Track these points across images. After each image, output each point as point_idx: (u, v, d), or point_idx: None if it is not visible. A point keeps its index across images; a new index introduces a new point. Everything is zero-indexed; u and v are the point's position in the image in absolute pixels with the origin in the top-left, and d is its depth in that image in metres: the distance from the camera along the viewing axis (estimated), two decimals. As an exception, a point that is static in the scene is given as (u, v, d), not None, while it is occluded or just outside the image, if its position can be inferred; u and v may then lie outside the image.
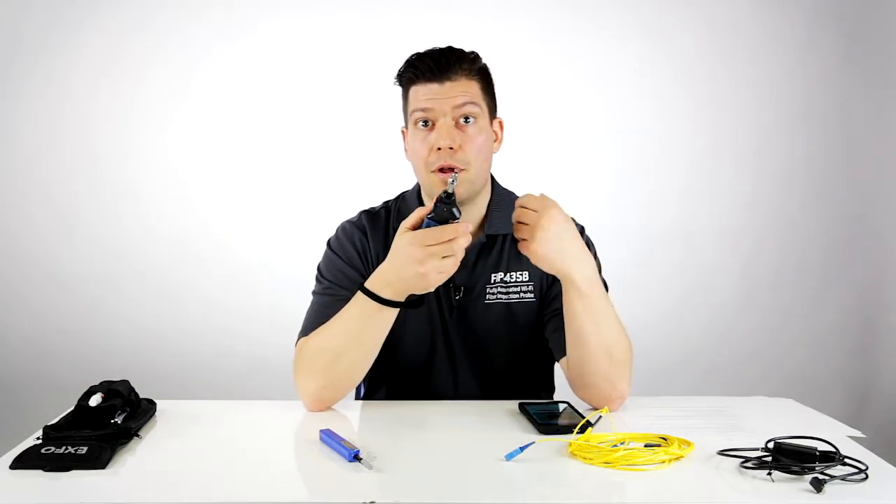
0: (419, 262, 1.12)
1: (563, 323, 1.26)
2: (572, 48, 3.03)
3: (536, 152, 2.97)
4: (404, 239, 1.14)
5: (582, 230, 1.42)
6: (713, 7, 3.03)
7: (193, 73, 3.01)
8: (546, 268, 1.21)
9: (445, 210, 1.13)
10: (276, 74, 3.02)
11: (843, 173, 3.04)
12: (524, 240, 1.19)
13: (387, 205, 1.47)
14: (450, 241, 1.11)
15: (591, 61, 3.04)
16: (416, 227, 1.15)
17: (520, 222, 1.20)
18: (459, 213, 1.14)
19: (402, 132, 1.40)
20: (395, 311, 1.20)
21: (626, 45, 3.03)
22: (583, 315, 1.21)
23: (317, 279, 1.39)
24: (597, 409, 1.19)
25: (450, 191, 1.13)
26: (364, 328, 1.21)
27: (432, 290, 1.16)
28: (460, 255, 1.13)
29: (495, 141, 1.38)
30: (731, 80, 3.03)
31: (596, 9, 3.02)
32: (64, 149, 3.01)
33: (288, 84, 3.02)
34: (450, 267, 1.13)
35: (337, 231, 1.44)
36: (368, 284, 1.19)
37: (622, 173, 3.06)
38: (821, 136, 3.04)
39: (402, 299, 1.18)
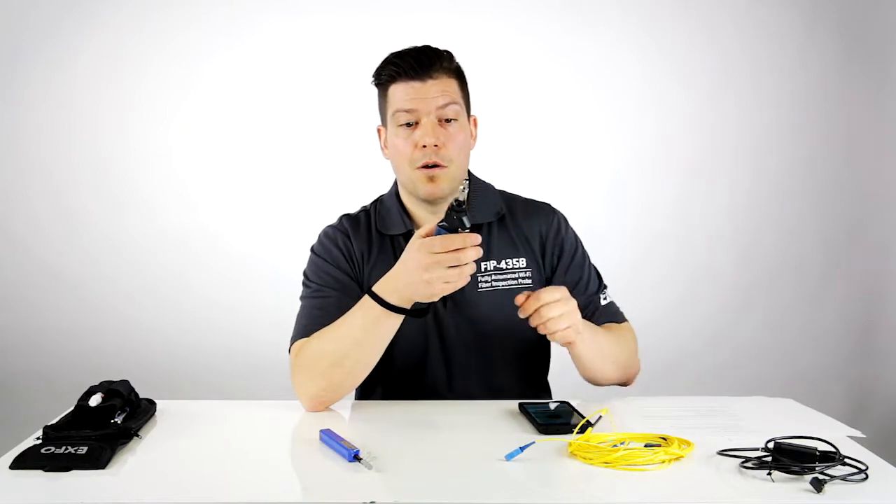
0: (425, 269, 1.12)
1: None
2: (571, 48, 3.03)
3: (535, 152, 2.97)
4: (413, 245, 1.14)
5: (565, 218, 1.47)
6: (713, 7, 3.03)
7: (195, 74, 3.02)
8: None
9: (456, 218, 1.12)
10: (277, 75, 3.02)
11: (843, 173, 3.04)
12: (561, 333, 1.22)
13: (366, 208, 1.49)
14: (457, 250, 1.11)
15: (590, 61, 3.04)
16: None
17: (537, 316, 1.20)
18: (469, 222, 1.13)
19: (379, 130, 1.42)
20: (400, 318, 1.20)
21: (626, 44, 3.03)
22: (589, 351, 1.29)
23: (304, 284, 1.40)
24: (594, 410, 1.19)
25: (461, 198, 1.13)
26: (368, 333, 1.21)
27: (437, 299, 1.16)
28: (469, 268, 1.13)
29: (471, 137, 1.41)
30: (730, 80, 3.03)
31: (595, 9, 3.02)
32: (67, 148, 3.01)
33: (291, 85, 3.02)
34: (456, 278, 1.12)
35: (320, 237, 1.46)
36: (376, 289, 1.19)
37: (622, 173, 3.06)
38: (821, 136, 3.04)
39: (408, 307, 1.18)
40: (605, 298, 1.43)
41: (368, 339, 1.22)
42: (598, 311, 1.41)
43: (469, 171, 1.43)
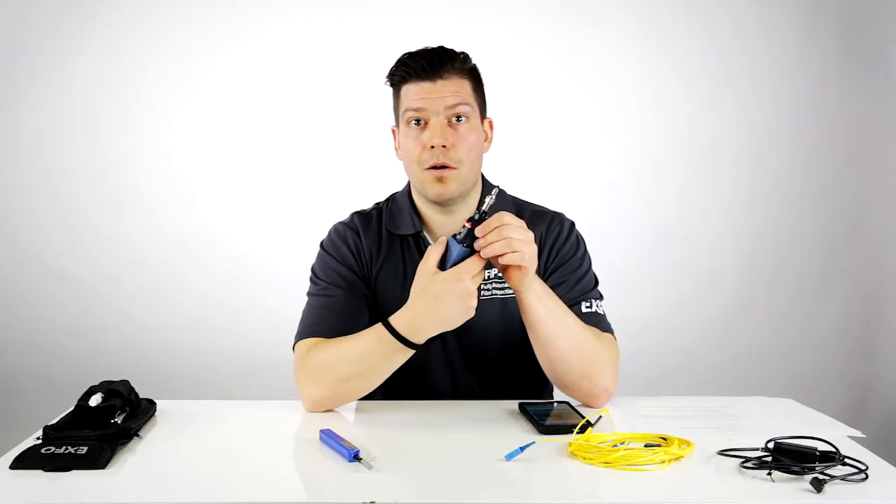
0: (472, 297, 1.13)
1: None
2: (571, 48, 3.03)
3: (536, 153, 2.97)
4: (448, 279, 1.13)
5: (572, 225, 1.44)
6: (713, 7, 3.03)
7: (195, 74, 3.01)
8: (524, 282, 1.19)
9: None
10: (277, 75, 3.02)
11: (843, 173, 3.04)
12: (517, 266, 1.15)
13: (378, 206, 1.48)
14: (482, 269, 1.14)
15: (590, 61, 3.04)
16: (440, 263, 1.15)
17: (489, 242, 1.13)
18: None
19: (393, 131, 1.42)
20: (416, 350, 1.21)
21: (626, 44, 3.03)
22: (548, 318, 1.22)
23: (312, 280, 1.40)
24: (594, 410, 1.19)
25: (485, 209, 1.13)
26: (382, 363, 1.22)
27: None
28: None
29: (485, 140, 1.39)
30: (730, 80, 3.03)
31: (595, 9, 3.02)
32: (67, 148, 3.01)
33: (291, 85, 3.01)
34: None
35: (329, 233, 1.45)
36: (398, 327, 1.18)
37: (622, 174, 3.06)
38: (821, 136, 3.04)
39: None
40: (589, 306, 1.34)
41: (380, 367, 1.23)
42: (579, 316, 1.31)
43: (482, 175, 1.42)
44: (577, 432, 1.06)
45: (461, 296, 1.12)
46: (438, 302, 1.14)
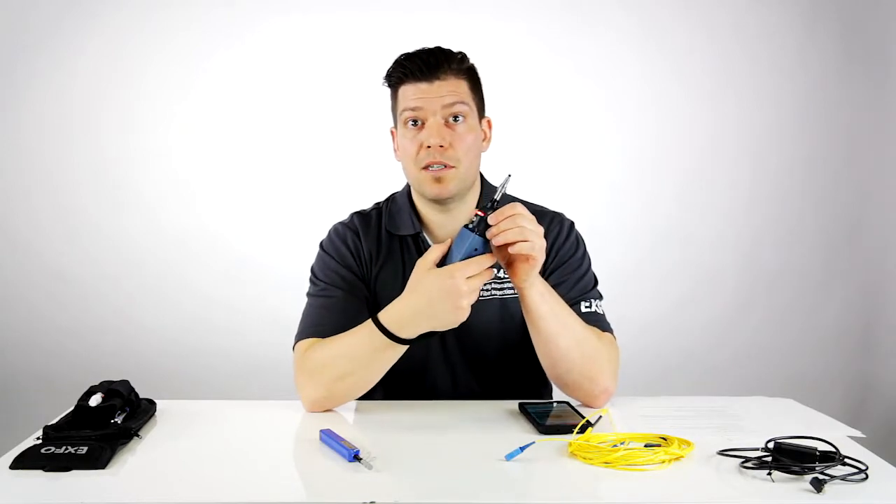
0: (461, 297, 1.10)
1: None
2: (571, 48, 3.03)
3: (536, 153, 2.97)
4: (440, 275, 1.11)
5: (572, 225, 1.44)
6: (713, 7, 3.03)
7: (195, 74, 3.01)
8: (531, 276, 1.17)
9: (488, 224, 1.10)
10: (277, 75, 3.01)
11: (843, 173, 3.04)
12: (525, 258, 1.13)
13: (378, 206, 1.48)
14: (487, 269, 1.11)
15: (590, 61, 3.04)
16: (440, 262, 1.13)
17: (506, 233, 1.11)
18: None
19: (392, 132, 1.42)
20: (406, 346, 1.19)
21: (626, 44, 3.03)
22: (550, 316, 1.21)
23: (311, 281, 1.40)
24: (594, 410, 1.19)
25: (497, 197, 1.12)
26: (373, 359, 1.21)
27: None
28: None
29: (484, 140, 1.39)
30: (730, 80, 3.03)
31: (595, 9, 3.02)
32: (67, 148, 3.01)
33: (291, 85, 3.01)
34: (476, 297, 1.13)
35: (329, 233, 1.45)
36: (385, 322, 1.17)
37: (622, 174, 3.06)
38: (821, 136, 3.04)
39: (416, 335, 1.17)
40: (589, 306, 1.34)
41: (373, 364, 1.22)
42: (578, 316, 1.30)
43: (481, 174, 1.42)
44: (577, 432, 1.06)
45: (450, 293, 1.10)
46: (427, 297, 1.13)
